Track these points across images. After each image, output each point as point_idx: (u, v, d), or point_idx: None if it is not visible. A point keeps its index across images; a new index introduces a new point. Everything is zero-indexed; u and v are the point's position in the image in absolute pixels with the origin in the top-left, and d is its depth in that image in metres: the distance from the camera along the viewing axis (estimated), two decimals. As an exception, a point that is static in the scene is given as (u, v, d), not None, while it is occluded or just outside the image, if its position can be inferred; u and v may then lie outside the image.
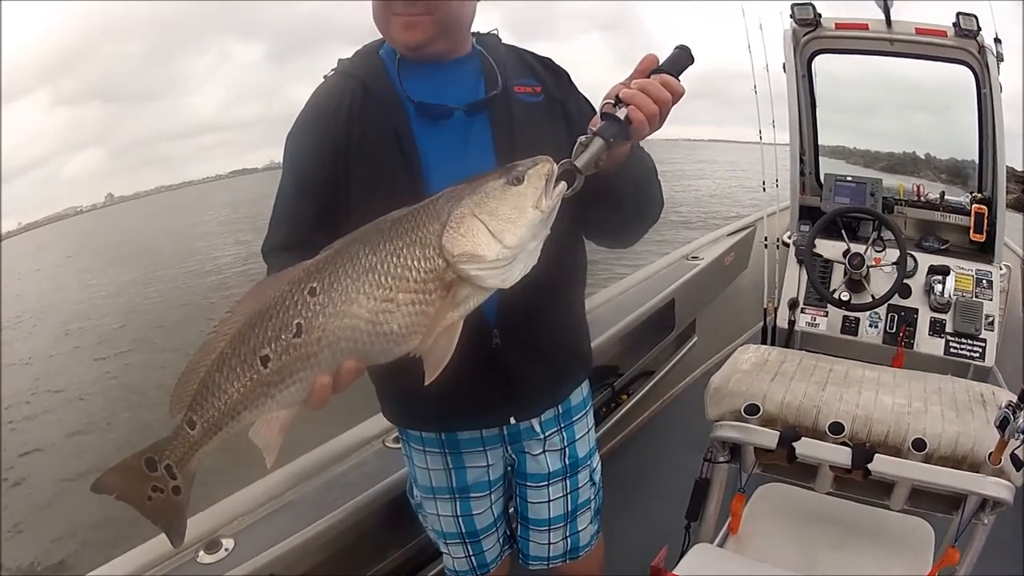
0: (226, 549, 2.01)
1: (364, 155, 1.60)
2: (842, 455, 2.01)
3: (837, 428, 2.04)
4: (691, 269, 4.36)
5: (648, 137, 1.42)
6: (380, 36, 1.67)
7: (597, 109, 1.41)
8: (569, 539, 2.03)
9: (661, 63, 1.41)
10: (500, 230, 1.18)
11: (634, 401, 3.97)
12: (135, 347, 13.98)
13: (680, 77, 1.41)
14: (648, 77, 1.38)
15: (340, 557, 2.23)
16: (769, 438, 2.09)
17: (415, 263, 1.17)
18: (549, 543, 2.01)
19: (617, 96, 1.36)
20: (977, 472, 1.91)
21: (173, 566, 1.94)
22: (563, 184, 1.26)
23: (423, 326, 1.20)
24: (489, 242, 1.17)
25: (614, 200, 1.58)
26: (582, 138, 1.34)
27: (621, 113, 1.34)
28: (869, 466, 1.97)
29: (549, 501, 1.96)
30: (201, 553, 2.01)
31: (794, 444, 2.05)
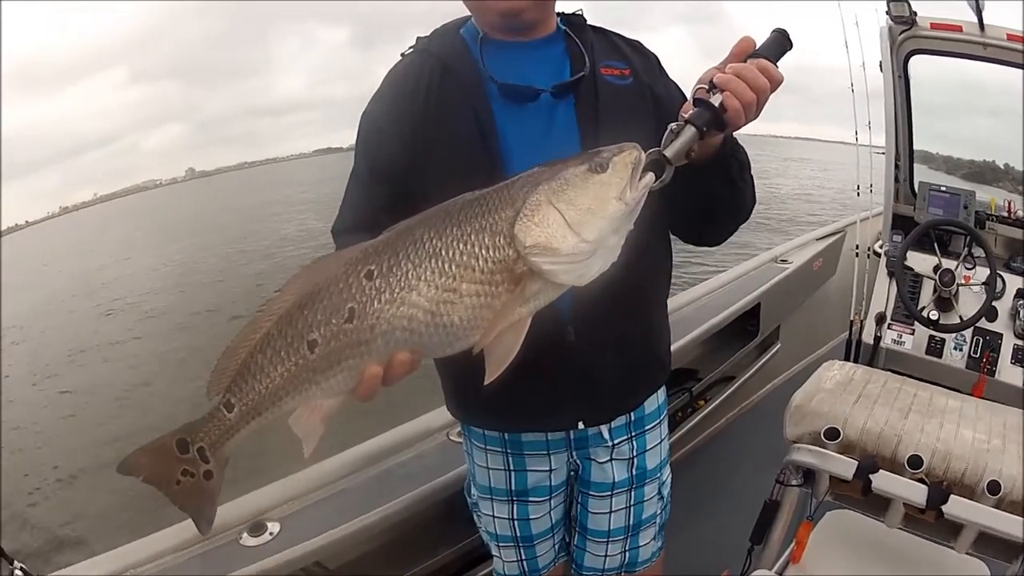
0: (271, 533, 2.00)
1: (442, 136, 1.55)
2: (918, 493, 1.97)
3: (916, 462, 2.00)
4: (779, 273, 4.30)
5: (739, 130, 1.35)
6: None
7: (689, 96, 1.33)
8: (628, 553, 1.93)
9: (758, 47, 1.33)
10: (579, 221, 1.09)
11: (711, 408, 3.92)
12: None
13: (778, 64, 1.33)
14: (744, 62, 1.30)
15: (388, 550, 2.22)
16: (846, 467, 2.05)
17: (483, 251, 1.09)
18: (606, 555, 1.92)
19: (711, 81, 1.28)
20: None
21: (214, 544, 1.95)
22: (650, 175, 1.18)
23: (487, 320, 1.12)
24: (566, 234, 1.09)
25: (704, 194, 1.51)
26: (672, 125, 1.26)
27: (715, 100, 1.26)
28: (943, 507, 1.94)
29: (611, 512, 1.87)
30: (245, 535, 2.00)
31: (871, 476, 2.02)
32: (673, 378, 3.52)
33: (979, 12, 3.58)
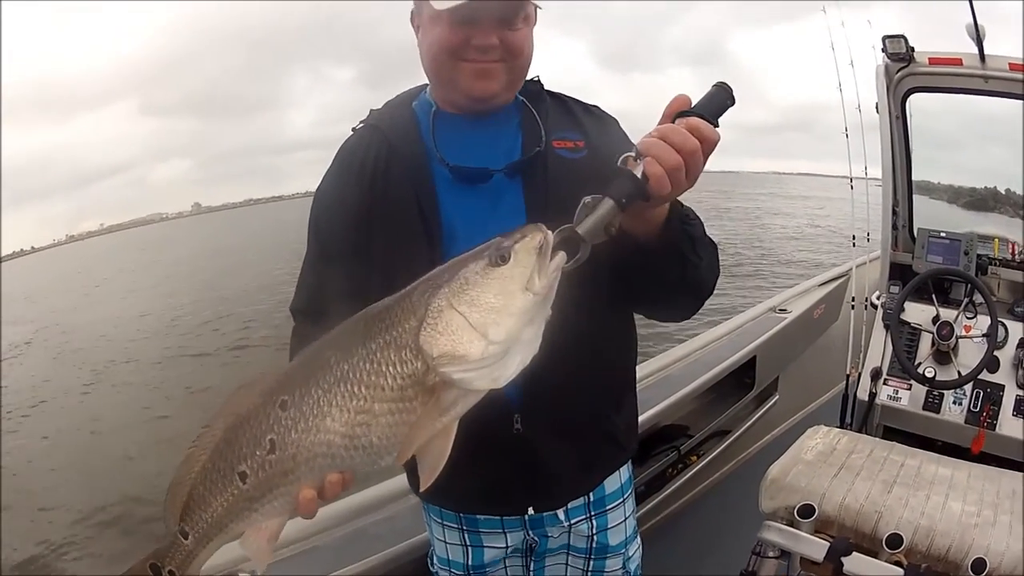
0: None
1: (385, 219, 1.53)
2: None
3: (895, 541, 1.93)
4: (777, 323, 4.25)
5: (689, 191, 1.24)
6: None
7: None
8: None
9: (694, 104, 1.24)
10: (484, 323, 1.03)
11: (704, 463, 3.85)
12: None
13: (719, 121, 1.24)
14: (674, 121, 1.21)
15: None
16: (818, 549, 1.99)
17: (390, 368, 1.05)
18: None
19: (637, 148, 1.20)
20: None
21: None
22: (561, 255, 1.10)
23: (406, 436, 1.08)
24: (472, 338, 1.03)
25: (652, 271, 1.43)
26: (587, 199, 1.17)
27: (638, 169, 1.17)
28: None
29: (567, 565, 1.83)
30: None
31: (843, 559, 1.94)
32: (661, 435, 3.53)
33: (979, 42, 3.47)
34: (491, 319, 1.03)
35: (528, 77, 1.60)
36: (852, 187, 4.11)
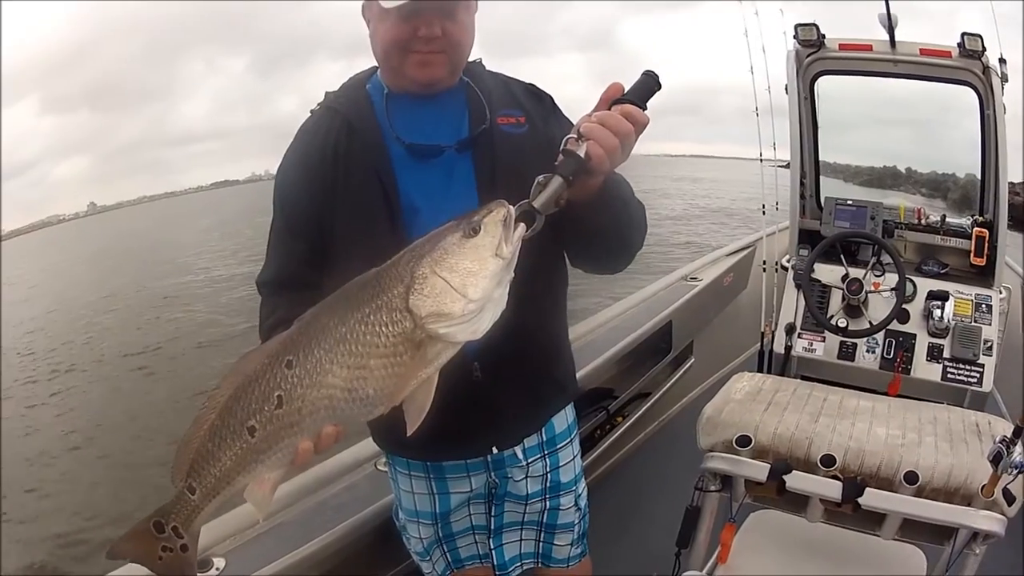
0: (217, 568, 2.03)
1: (347, 197, 1.63)
2: (832, 489, 1.99)
3: (829, 460, 2.02)
4: (689, 290, 4.38)
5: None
6: (367, 54, 1.69)
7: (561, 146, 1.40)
8: (543, 544, 2.05)
9: (626, 91, 1.41)
10: (463, 285, 1.19)
11: (629, 424, 3.96)
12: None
13: (647, 105, 1.41)
14: (610, 107, 1.39)
15: None
16: (759, 470, 2.07)
17: (383, 328, 1.20)
18: (520, 540, 2.02)
19: (579, 130, 1.36)
20: (969, 504, 1.89)
21: None
22: (522, 226, 1.27)
23: (398, 386, 1.23)
24: (454, 298, 1.19)
25: (591, 232, 1.59)
26: (540, 178, 1.34)
27: (581, 149, 1.34)
28: (859, 500, 1.96)
29: (524, 512, 1.98)
30: None
31: (784, 477, 2.03)
32: (590, 397, 3.63)
33: (891, 30, 3.67)
34: (469, 281, 1.19)
35: (471, 59, 1.73)
36: (762, 158, 4.25)
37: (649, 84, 1.42)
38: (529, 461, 1.90)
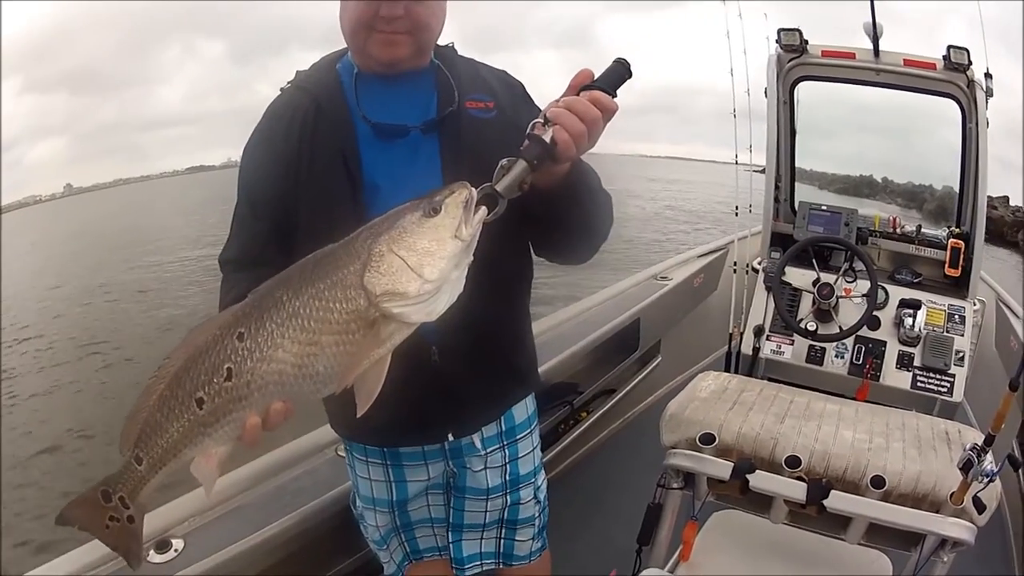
0: (176, 550, 2.02)
1: (311, 176, 1.62)
2: (797, 490, 1.96)
3: (794, 462, 1.99)
4: (659, 289, 4.37)
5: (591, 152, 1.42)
6: (342, 44, 1.69)
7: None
8: (504, 542, 2.05)
9: (596, 78, 1.40)
10: (420, 264, 1.18)
11: (593, 419, 3.96)
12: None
13: (617, 92, 1.40)
14: (579, 93, 1.38)
15: (289, 562, 2.22)
16: (722, 469, 2.05)
17: (337, 305, 1.19)
18: (482, 539, 2.02)
19: (547, 115, 1.35)
20: (937, 511, 1.87)
21: (122, 564, 1.88)
22: (483, 210, 1.26)
23: (349, 365, 1.22)
24: (410, 278, 1.18)
25: (555, 219, 1.59)
26: (504, 161, 1.33)
27: (547, 134, 1.33)
28: (824, 502, 1.93)
29: (486, 511, 1.97)
30: (151, 552, 2.01)
31: (748, 476, 2.00)
32: (555, 391, 3.62)
33: (875, 40, 3.66)
34: (426, 261, 1.19)
35: (443, 43, 1.74)
36: (737, 161, 4.23)
37: (619, 72, 1.41)
38: (488, 451, 1.90)
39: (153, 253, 24.88)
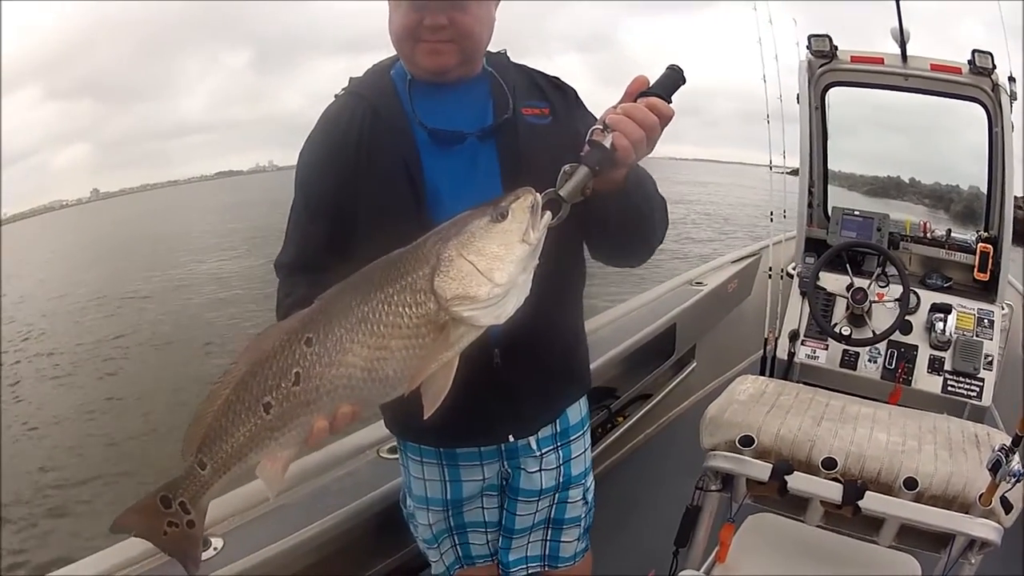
0: (215, 548, 2.03)
1: (372, 181, 1.63)
2: (833, 490, 2.00)
3: (830, 463, 2.03)
4: (694, 295, 4.38)
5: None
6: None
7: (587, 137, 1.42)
8: (549, 544, 2.05)
9: (651, 84, 1.43)
10: (490, 269, 1.20)
11: (630, 424, 3.98)
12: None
13: (672, 98, 1.42)
14: (636, 100, 1.40)
15: (329, 563, 2.24)
16: (761, 470, 2.09)
17: (407, 309, 1.20)
18: (528, 543, 2.02)
19: (604, 121, 1.38)
20: (967, 512, 1.91)
21: (161, 560, 1.94)
22: (548, 214, 1.28)
23: (419, 368, 1.23)
24: (480, 282, 1.19)
25: (614, 223, 1.60)
26: (566, 167, 1.36)
27: (607, 140, 1.36)
28: (859, 503, 1.97)
29: (535, 512, 1.98)
30: None
31: (786, 477, 2.05)
32: (593, 396, 3.57)
33: (903, 45, 3.70)
34: (496, 265, 1.20)
35: (496, 51, 1.76)
36: (772, 167, 4.27)
37: (674, 78, 1.44)
38: (543, 452, 1.91)
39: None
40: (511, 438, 1.85)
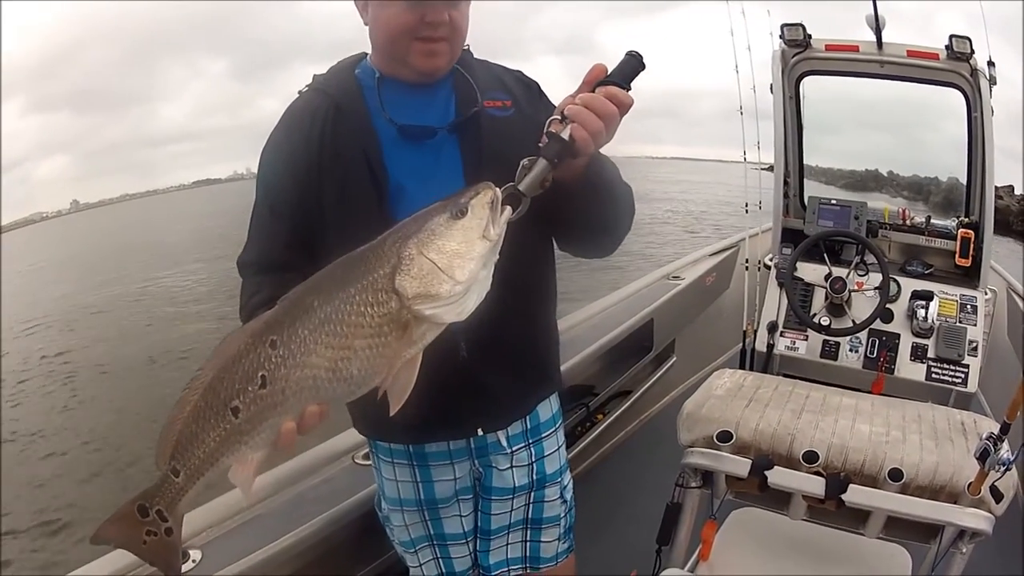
0: (194, 560, 2.01)
1: (334, 177, 1.62)
2: (815, 485, 1.97)
3: (811, 457, 2.00)
4: (671, 289, 4.37)
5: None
6: (354, 53, 1.73)
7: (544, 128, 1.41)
8: (529, 545, 2.03)
9: (609, 73, 1.40)
10: (450, 266, 1.20)
11: (610, 421, 3.96)
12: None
13: (631, 85, 1.41)
14: (595, 89, 1.39)
15: (307, 571, 2.20)
16: (741, 466, 2.05)
17: (369, 309, 1.20)
18: (507, 544, 2.00)
19: (563, 112, 1.37)
20: (955, 502, 1.87)
21: (142, 572, 1.92)
22: (508, 209, 1.28)
23: (382, 366, 1.22)
24: (442, 279, 1.19)
25: (577, 214, 1.60)
26: (525, 161, 1.35)
27: (565, 132, 1.35)
28: (843, 496, 1.94)
29: (511, 511, 1.96)
30: None
31: (766, 473, 2.01)
32: (570, 394, 3.60)
33: (878, 32, 3.68)
34: (456, 263, 1.20)
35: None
36: (745, 158, 4.27)
37: (633, 64, 1.42)
38: (514, 449, 1.90)
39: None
40: (480, 431, 1.83)
